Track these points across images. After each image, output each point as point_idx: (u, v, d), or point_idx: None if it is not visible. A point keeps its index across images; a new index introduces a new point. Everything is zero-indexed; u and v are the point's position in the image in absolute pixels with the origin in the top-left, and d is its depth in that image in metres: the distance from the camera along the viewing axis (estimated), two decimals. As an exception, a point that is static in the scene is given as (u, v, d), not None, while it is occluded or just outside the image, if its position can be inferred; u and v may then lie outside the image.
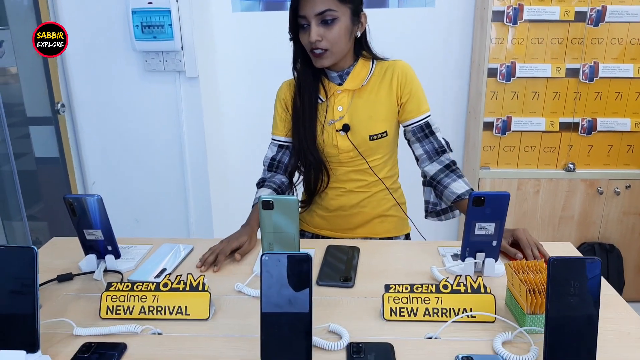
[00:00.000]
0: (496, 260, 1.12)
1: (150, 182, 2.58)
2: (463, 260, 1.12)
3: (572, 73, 2.37)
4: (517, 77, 2.37)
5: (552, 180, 2.49)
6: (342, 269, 1.15)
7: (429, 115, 1.42)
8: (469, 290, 0.97)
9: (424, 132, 1.42)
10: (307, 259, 0.79)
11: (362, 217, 1.46)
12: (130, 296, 0.99)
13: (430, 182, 1.45)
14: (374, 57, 1.43)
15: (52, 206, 2.65)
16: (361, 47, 1.42)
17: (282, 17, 2.67)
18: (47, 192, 2.64)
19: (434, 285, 0.97)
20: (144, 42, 2.27)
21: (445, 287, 0.97)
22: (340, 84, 1.39)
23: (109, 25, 2.32)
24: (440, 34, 2.56)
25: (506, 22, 2.31)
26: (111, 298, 0.99)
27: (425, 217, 1.50)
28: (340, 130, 1.38)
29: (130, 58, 2.37)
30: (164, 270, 1.15)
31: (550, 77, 2.38)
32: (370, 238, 1.47)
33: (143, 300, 0.98)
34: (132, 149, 2.53)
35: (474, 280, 0.98)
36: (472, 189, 1.36)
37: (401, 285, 0.98)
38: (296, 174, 1.51)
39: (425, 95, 1.42)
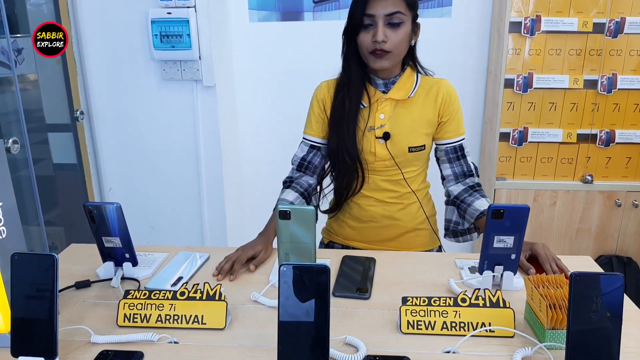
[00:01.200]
0: (515, 274, 1.11)
1: (166, 190, 2.60)
2: (481, 273, 1.11)
3: (590, 84, 2.35)
4: (534, 88, 2.36)
5: (569, 192, 2.46)
6: (358, 280, 1.14)
7: (464, 139, 1.44)
8: (488, 304, 0.96)
9: (457, 153, 1.44)
10: (325, 271, 0.79)
11: (395, 230, 1.46)
12: (148, 304, 0.99)
13: (453, 202, 1.46)
14: (419, 70, 1.44)
15: (69, 212, 2.68)
16: (410, 58, 1.43)
17: (298, 28, 2.71)
18: (64, 197, 2.67)
19: (452, 299, 0.96)
20: (162, 52, 2.29)
21: (463, 300, 0.96)
22: (384, 92, 1.39)
23: (129, 34, 2.35)
24: (456, 44, 2.56)
25: (523, 33, 2.30)
26: (128, 306, 0.99)
27: (445, 237, 1.50)
28: (380, 137, 1.38)
29: (149, 67, 2.39)
30: (180, 278, 1.15)
31: (568, 88, 2.35)
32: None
33: (160, 308, 0.99)
34: (148, 157, 2.55)
35: (493, 294, 0.97)
36: None
37: (419, 298, 0.97)
38: (325, 179, 1.51)
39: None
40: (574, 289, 0.77)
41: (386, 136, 1.37)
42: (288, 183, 1.45)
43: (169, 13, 2.23)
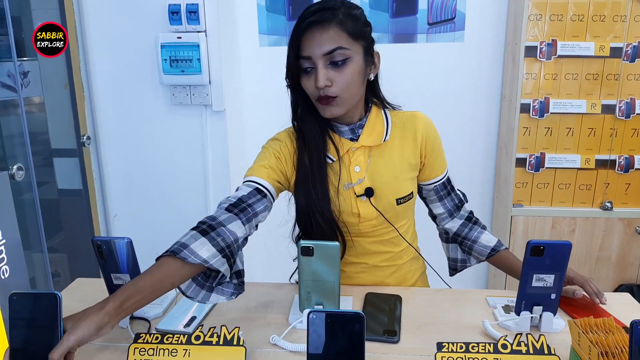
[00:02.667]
0: (554, 315, 1.03)
1: (174, 217, 2.53)
2: (518, 314, 1.03)
3: (608, 109, 2.29)
4: (551, 113, 2.30)
5: (588, 219, 2.39)
6: (384, 321, 1.06)
7: (448, 170, 1.32)
8: (531, 351, 0.88)
9: (446, 189, 1.32)
10: (359, 319, 0.72)
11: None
12: (160, 349, 0.91)
13: (454, 239, 1.36)
14: (385, 105, 1.26)
15: (73, 239, 2.61)
16: (371, 93, 1.24)
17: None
18: (68, 224, 2.61)
19: (492, 345, 0.89)
20: (171, 76, 2.25)
21: (504, 346, 0.88)
22: (353, 139, 1.20)
23: (138, 58, 2.31)
24: (469, 69, 2.52)
25: (539, 57, 2.25)
26: (139, 351, 0.92)
27: (452, 275, 1.40)
28: (361, 195, 1.19)
29: (158, 91, 2.35)
30: (194, 318, 1.08)
31: (585, 113, 2.30)
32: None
33: (174, 354, 0.91)
34: (156, 182, 2.49)
35: (536, 339, 0.89)
36: (499, 240, 1.30)
37: (455, 344, 0.89)
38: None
39: None
40: (635, 337, 0.70)
41: (369, 192, 1.18)
42: (204, 227, 1.01)
43: (179, 37, 2.19)
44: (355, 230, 1.23)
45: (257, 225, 1.12)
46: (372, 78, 1.20)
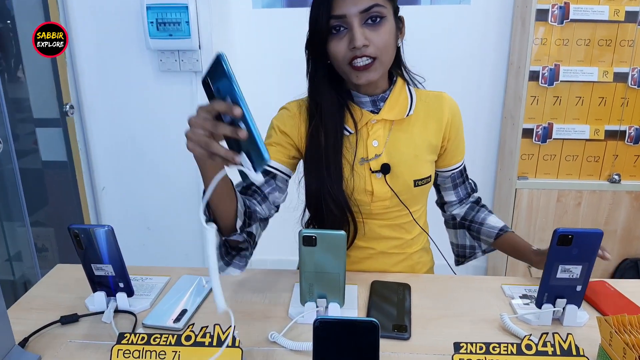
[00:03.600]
0: (579, 307, 0.94)
1: (163, 189, 2.42)
2: (539, 306, 0.94)
3: (620, 77, 2.18)
4: (561, 81, 2.18)
5: (595, 192, 2.31)
6: (393, 314, 0.97)
7: (464, 161, 1.26)
8: (558, 352, 0.79)
9: (462, 177, 1.25)
10: (373, 328, 0.62)
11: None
12: (146, 351, 0.82)
13: (462, 224, 1.28)
14: (408, 81, 1.16)
15: (60, 212, 2.51)
16: (396, 65, 1.14)
17: (305, 14, 2.49)
18: (54, 197, 2.49)
19: (515, 345, 0.80)
20: (159, 40, 2.10)
21: (528, 347, 0.80)
22: (373, 112, 1.10)
23: (122, 22, 2.16)
24: (475, 33, 2.38)
25: (551, 21, 2.12)
26: (123, 353, 0.82)
27: (459, 263, 1.32)
28: (377, 171, 1.10)
29: (144, 57, 2.20)
30: (184, 311, 0.98)
31: (597, 81, 2.18)
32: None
33: (161, 356, 0.82)
34: (144, 154, 2.37)
35: (562, 336, 0.80)
36: (505, 224, 1.23)
37: (474, 345, 0.80)
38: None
39: None
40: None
41: (386, 169, 1.09)
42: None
43: (166, -2, 2.03)
44: (366, 211, 1.14)
45: (277, 207, 1.12)
46: (400, 44, 1.11)
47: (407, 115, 1.11)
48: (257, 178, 0.71)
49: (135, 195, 2.45)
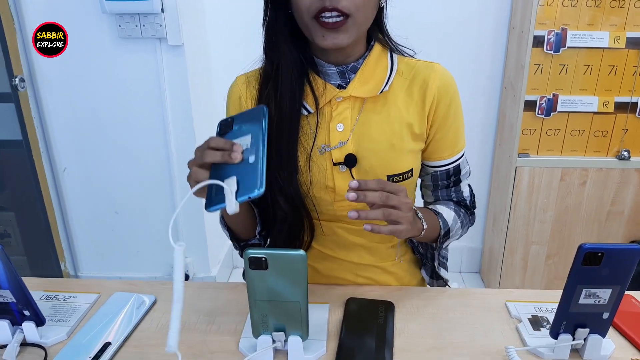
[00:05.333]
0: (604, 337, 0.75)
1: (131, 168, 2.20)
2: (555, 337, 0.75)
3: (634, 43, 1.95)
4: (568, 47, 1.96)
5: (601, 169, 2.11)
6: (371, 346, 0.77)
7: (463, 154, 0.99)
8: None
9: (450, 179, 0.99)
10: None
11: (360, 277, 1.01)
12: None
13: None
14: (392, 48, 0.94)
15: (19, 195, 2.30)
16: (377, 27, 0.93)
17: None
18: (11, 180, 2.28)
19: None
20: (115, 3, 1.85)
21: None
22: (340, 86, 0.90)
23: (73, -19, 1.90)
24: (472, -7, 2.14)
25: (558, -21, 1.88)
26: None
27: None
28: (340, 163, 0.89)
29: (101, 22, 1.95)
30: (107, 345, 0.78)
31: (607, 47, 1.96)
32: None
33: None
34: (107, 130, 2.14)
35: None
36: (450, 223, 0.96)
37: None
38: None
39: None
40: None
41: (351, 160, 0.89)
42: None
43: (121, -47, 1.77)
44: (328, 212, 0.94)
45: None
46: (384, 4, 0.89)
47: (382, 91, 0.89)
48: (233, 207, 0.66)
49: (100, 176, 2.23)
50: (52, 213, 2.28)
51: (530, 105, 2.05)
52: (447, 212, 0.95)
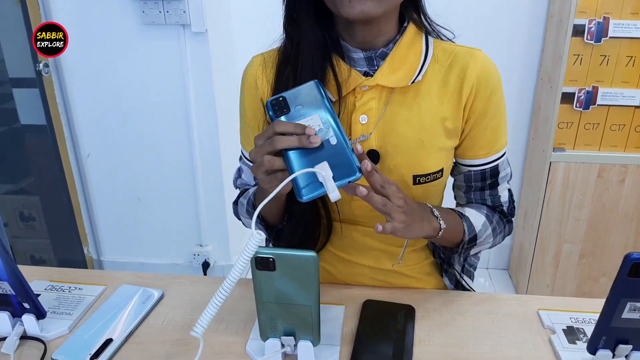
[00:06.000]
0: (647, 356, 0.68)
1: (153, 155, 2.18)
2: (593, 352, 0.68)
3: (681, 32, 1.83)
4: (610, 37, 1.84)
5: (642, 167, 1.99)
6: (388, 354, 0.72)
7: (504, 154, 0.89)
8: None
9: (485, 181, 0.89)
10: None
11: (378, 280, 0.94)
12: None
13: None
14: (428, 30, 0.85)
15: (43, 180, 2.32)
16: (411, 5, 0.84)
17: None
18: (36, 164, 2.30)
19: None
20: (139, -13, 1.82)
21: None
22: (367, 74, 0.82)
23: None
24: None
25: (602, -38, 1.76)
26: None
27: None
28: None
29: (125, 8, 1.92)
30: (108, 341, 0.74)
31: (653, 37, 1.84)
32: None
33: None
34: (130, 117, 2.12)
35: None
36: (491, 235, 0.88)
37: None
38: None
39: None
40: None
41: (373, 157, 0.81)
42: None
43: (144, -64, 1.74)
44: (346, 213, 0.87)
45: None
46: None
47: (414, 81, 0.80)
48: (336, 192, 0.61)
49: (123, 162, 2.22)
50: (76, 198, 2.28)
51: (567, 98, 1.94)
52: (477, 217, 0.87)
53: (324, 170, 0.61)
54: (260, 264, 0.60)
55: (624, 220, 2.09)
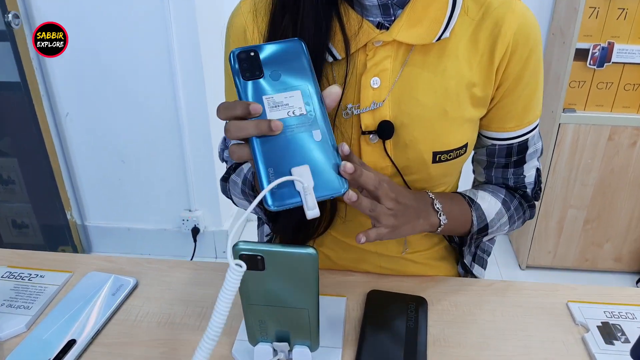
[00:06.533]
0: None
1: (136, 114, 2.04)
2: (637, 358, 0.58)
3: None
4: (631, -13, 1.70)
5: (656, 129, 1.89)
6: (398, 355, 0.62)
7: (537, 126, 0.77)
8: None
9: (510, 158, 0.77)
10: None
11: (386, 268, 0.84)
12: None
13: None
14: None
15: (21, 141, 2.17)
16: None
17: None
18: (12, 124, 2.15)
19: None
20: None
21: None
22: (381, 25, 0.68)
23: None
24: None
25: None
26: None
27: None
28: (371, 132, 0.69)
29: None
30: (71, 343, 0.64)
31: (677, -13, 1.69)
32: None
33: None
34: (110, 73, 1.97)
35: None
36: (507, 221, 0.77)
37: None
38: None
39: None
40: None
41: (386, 129, 0.68)
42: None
43: None
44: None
45: None
46: None
47: (438, 38, 0.67)
48: (315, 211, 0.49)
49: (105, 123, 2.07)
50: (56, 160, 2.15)
51: (581, 55, 1.81)
52: (491, 203, 0.76)
53: (304, 179, 0.48)
54: (247, 262, 0.49)
55: (633, 186, 2.00)
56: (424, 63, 0.68)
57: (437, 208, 0.68)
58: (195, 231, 2.19)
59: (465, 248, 0.80)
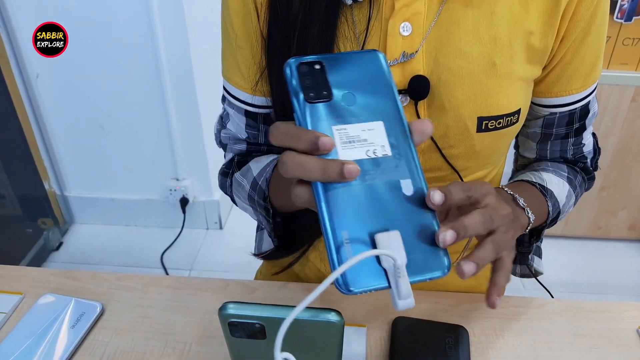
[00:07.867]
0: None
1: (114, 74, 1.85)
2: None
3: None
4: None
5: (683, 90, 1.74)
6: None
7: (595, 89, 0.64)
8: None
9: (572, 126, 0.64)
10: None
11: None
12: None
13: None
14: None
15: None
16: None
17: None
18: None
19: None
20: None
21: None
22: None
23: None
24: None
25: None
26: None
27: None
28: (401, 92, 0.55)
29: None
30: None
31: None
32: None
33: None
34: (83, 29, 1.76)
35: None
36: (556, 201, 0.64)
37: None
38: None
39: None
40: None
41: (419, 88, 0.54)
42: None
43: None
44: None
45: None
46: None
47: None
48: (410, 301, 0.34)
49: (79, 84, 1.88)
50: (28, 126, 1.97)
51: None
52: (560, 186, 0.63)
53: (396, 255, 0.33)
54: (241, 330, 0.34)
55: (649, 154, 1.87)
56: (468, 3, 0.54)
57: (522, 205, 0.55)
58: (184, 202, 2.04)
59: (531, 245, 0.67)
